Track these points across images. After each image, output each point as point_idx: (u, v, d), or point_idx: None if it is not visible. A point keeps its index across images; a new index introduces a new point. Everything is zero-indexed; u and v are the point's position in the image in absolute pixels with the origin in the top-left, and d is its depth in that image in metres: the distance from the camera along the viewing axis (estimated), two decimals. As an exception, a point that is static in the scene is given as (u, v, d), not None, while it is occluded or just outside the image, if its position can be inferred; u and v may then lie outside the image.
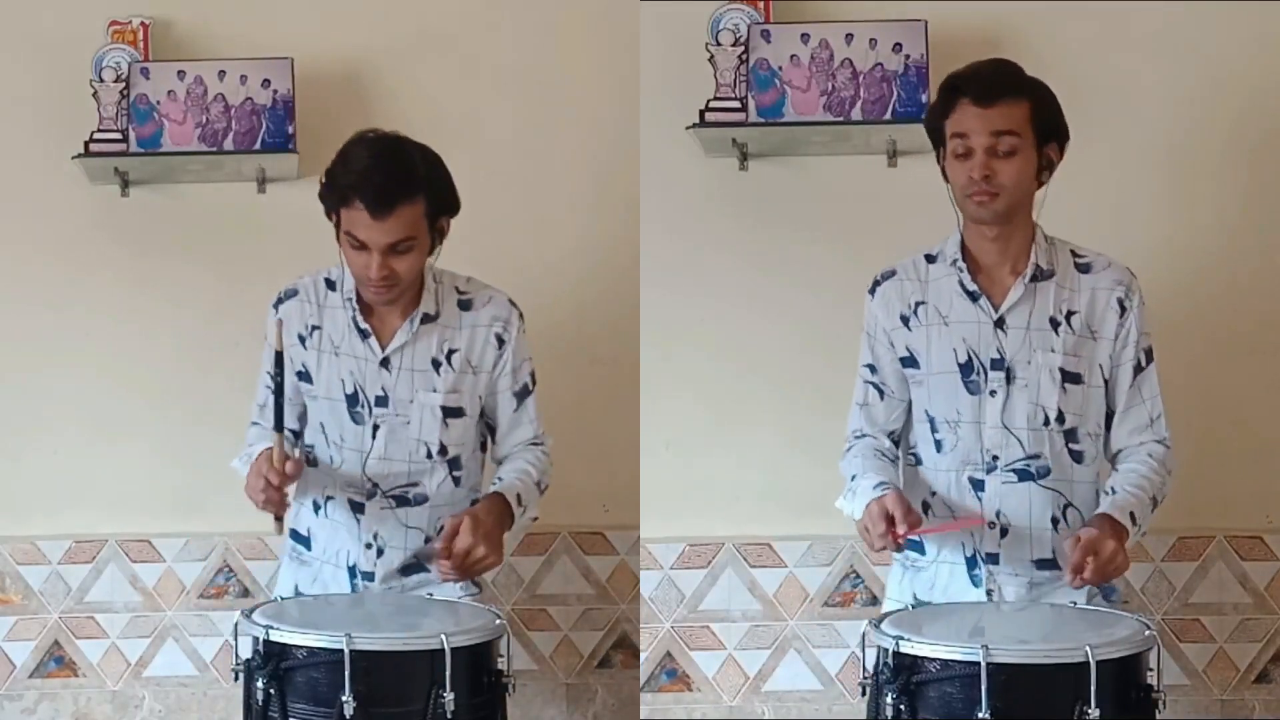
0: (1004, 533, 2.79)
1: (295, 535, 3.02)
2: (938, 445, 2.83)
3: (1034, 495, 2.79)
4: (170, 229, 3.64)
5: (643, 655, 3.57)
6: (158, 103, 3.52)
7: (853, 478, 2.82)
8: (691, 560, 3.56)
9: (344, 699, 2.44)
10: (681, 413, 3.55)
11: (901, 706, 2.43)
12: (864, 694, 2.53)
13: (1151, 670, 2.50)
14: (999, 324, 2.80)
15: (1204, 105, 3.48)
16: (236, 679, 2.61)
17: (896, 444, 2.92)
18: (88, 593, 3.65)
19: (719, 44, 3.45)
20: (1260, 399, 3.50)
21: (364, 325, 2.92)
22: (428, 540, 2.94)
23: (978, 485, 2.80)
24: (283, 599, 2.87)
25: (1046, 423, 2.78)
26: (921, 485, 2.86)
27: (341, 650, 2.45)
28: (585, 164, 3.66)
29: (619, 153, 3.58)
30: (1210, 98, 3.48)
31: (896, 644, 2.45)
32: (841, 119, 3.41)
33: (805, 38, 3.42)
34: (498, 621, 2.66)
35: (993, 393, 2.79)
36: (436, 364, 2.93)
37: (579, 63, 3.66)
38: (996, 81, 2.74)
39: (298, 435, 3.01)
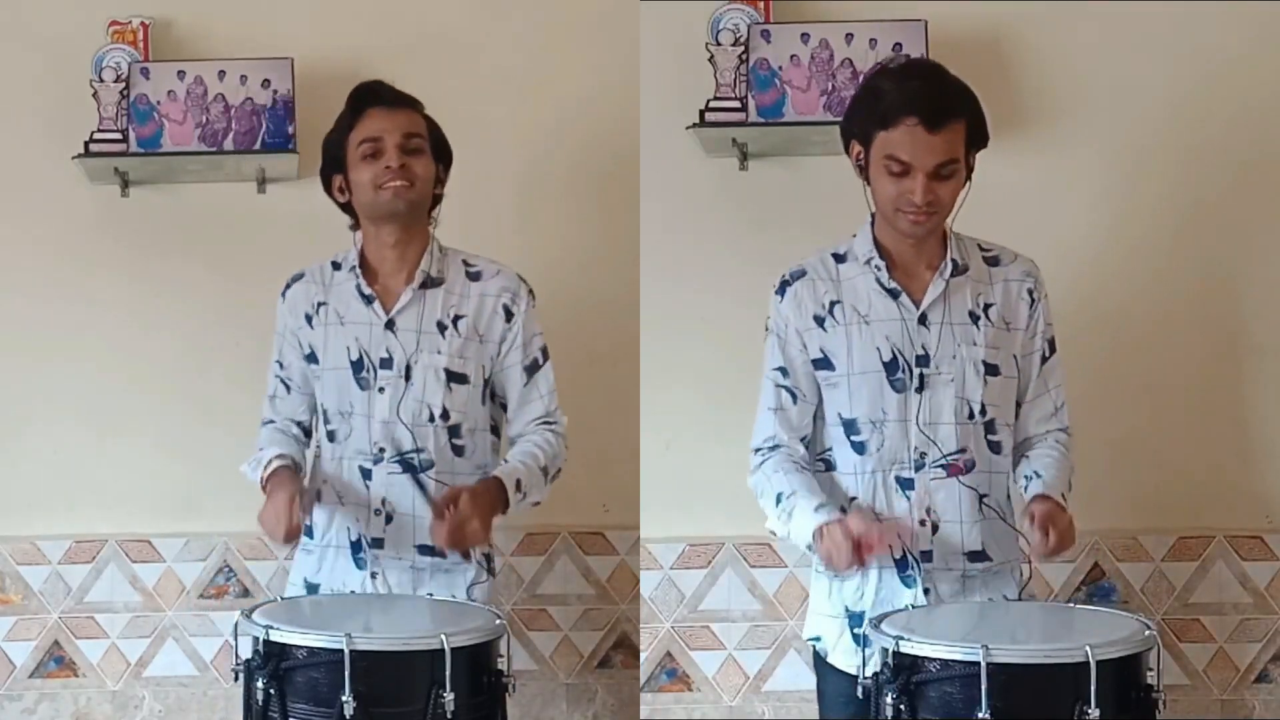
0: (935, 529, 2.79)
1: None
2: (858, 447, 2.81)
3: (960, 489, 2.79)
4: (170, 229, 3.64)
5: (643, 655, 3.57)
6: (158, 103, 3.52)
7: (779, 496, 2.79)
8: (691, 560, 3.56)
9: (344, 699, 2.44)
10: (682, 412, 3.55)
11: (901, 706, 2.43)
12: (862, 695, 2.53)
13: (1151, 670, 2.49)
14: (921, 320, 2.79)
15: (1204, 105, 3.48)
16: (236, 679, 2.62)
17: (807, 449, 2.89)
18: (88, 593, 3.64)
19: (719, 44, 3.45)
20: (1260, 399, 3.50)
21: (368, 291, 2.98)
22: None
23: (906, 484, 2.79)
24: (283, 598, 2.88)
25: (971, 416, 2.79)
26: (836, 491, 2.83)
27: (341, 650, 2.45)
28: (585, 164, 3.65)
29: (619, 153, 3.58)
30: (1210, 97, 3.48)
31: (896, 644, 2.45)
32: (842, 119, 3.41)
33: (805, 38, 3.42)
34: (498, 621, 2.66)
35: (918, 389, 2.78)
36: (442, 327, 2.98)
37: (579, 63, 3.65)
38: (943, 102, 2.68)
39: (308, 433, 3.08)
